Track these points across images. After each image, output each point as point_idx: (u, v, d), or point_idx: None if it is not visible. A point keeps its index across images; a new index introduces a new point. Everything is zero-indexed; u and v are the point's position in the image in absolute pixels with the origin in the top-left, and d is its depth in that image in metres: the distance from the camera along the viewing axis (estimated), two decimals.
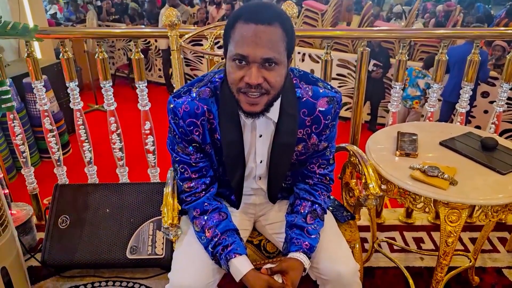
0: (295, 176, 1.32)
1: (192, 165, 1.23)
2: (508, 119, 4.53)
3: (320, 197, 1.29)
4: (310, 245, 1.20)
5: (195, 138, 1.18)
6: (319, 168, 1.30)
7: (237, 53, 1.01)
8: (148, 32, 2.58)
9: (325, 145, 1.26)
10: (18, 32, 1.72)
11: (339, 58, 5.32)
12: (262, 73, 1.02)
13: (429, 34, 2.52)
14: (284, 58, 1.05)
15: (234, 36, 1.03)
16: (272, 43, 1.00)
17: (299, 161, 1.26)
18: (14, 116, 2.11)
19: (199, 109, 1.15)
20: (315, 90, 1.19)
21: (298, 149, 1.23)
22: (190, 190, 1.25)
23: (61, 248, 1.89)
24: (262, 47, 1.00)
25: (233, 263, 1.17)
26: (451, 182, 1.36)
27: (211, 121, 1.17)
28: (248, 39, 1.00)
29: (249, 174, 1.29)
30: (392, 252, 2.12)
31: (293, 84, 1.18)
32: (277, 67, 1.03)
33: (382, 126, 2.08)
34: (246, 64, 1.02)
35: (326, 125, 1.21)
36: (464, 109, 2.14)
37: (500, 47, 4.60)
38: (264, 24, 0.99)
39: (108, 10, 7.68)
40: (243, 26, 1.01)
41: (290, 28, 1.05)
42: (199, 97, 1.15)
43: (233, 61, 1.03)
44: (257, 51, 1.00)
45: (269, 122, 1.18)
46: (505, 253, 2.12)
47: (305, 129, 1.20)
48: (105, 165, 2.63)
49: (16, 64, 4.19)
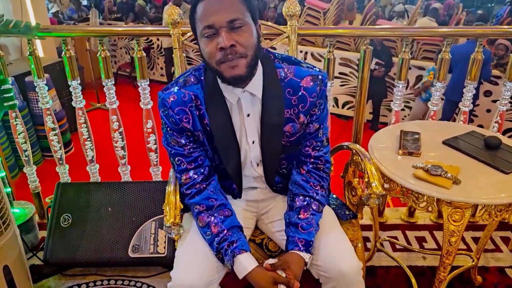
0: (289, 159, 1.32)
1: (187, 155, 1.24)
2: (511, 118, 4.51)
3: (312, 190, 1.29)
4: (305, 241, 1.21)
5: (185, 126, 1.20)
6: (314, 151, 1.30)
7: (203, 26, 1.08)
8: (150, 30, 2.58)
9: (317, 127, 1.27)
10: (20, 31, 1.72)
11: (341, 56, 5.31)
12: (232, 36, 1.07)
13: (432, 33, 2.51)
14: (249, 19, 1.10)
15: (198, 16, 1.10)
16: (232, 6, 1.07)
17: (291, 142, 1.27)
18: (16, 114, 2.11)
19: (185, 97, 1.19)
20: (298, 70, 1.23)
21: (287, 130, 1.24)
22: (189, 181, 1.26)
23: (63, 247, 1.89)
24: (224, 11, 1.06)
25: (238, 259, 1.17)
26: (454, 181, 1.35)
27: (199, 107, 1.20)
28: (209, 9, 1.07)
29: (245, 159, 1.30)
30: (394, 251, 2.12)
31: (275, 65, 1.22)
32: (244, 28, 1.08)
33: (385, 125, 2.07)
34: (215, 34, 1.08)
35: (313, 103, 1.22)
36: (467, 108, 2.13)
37: (503, 46, 4.58)
38: None
39: (110, 9, 7.68)
40: (202, 3, 1.09)
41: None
42: (185, 85, 1.20)
43: (203, 37, 1.10)
44: (220, 16, 1.06)
45: (255, 100, 1.21)
46: (508, 252, 2.11)
47: (292, 109, 1.22)
48: (107, 164, 2.63)
49: (19, 62, 4.19)
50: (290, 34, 1.72)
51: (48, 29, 2.08)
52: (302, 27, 2.08)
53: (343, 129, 5.15)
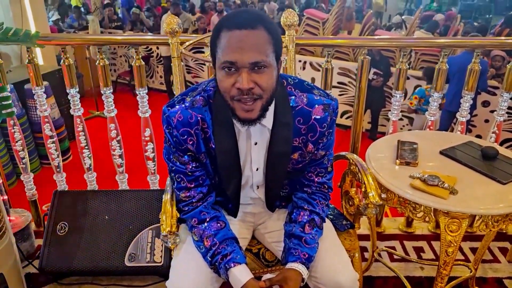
0: (292, 184, 1.32)
1: (188, 174, 1.22)
2: (508, 129, 4.53)
3: (318, 206, 1.28)
4: (308, 255, 1.20)
5: (189, 147, 1.17)
6: (317, 177, 1.29)
7: (225, 60, 1.02)
8: (149, 39, 2.59)
9: (322, 154, 1.25)
10: (19, 39, 1.73)
11: (340, 66, 5.34)
12: (252, 78, 1.02)
13: (430, 43, 2.53)
14: (273, 60, 1.05)
15: (220, 45, 1.04)
16: (258, 46, 1.01)
17: (296, 169, 1.25)
18: (14, 122, 2.11)
19: (192, 118, 1.15)
20: (310, 98, 1.18)
21: (294, 158, 1.22)
22: (187, 199, 1.24)
23: (59, 255, 1.88)
24: (248, 51, 1.00)
25: (232, 272, 1.16)
26: (451, 191, 1.35)
27: (205, 130, 1.16)
28: (233, 45, 1.01)
29: (246, 183, 1.28)
30: (392, 261, 2.11)
31: (287, 92, 1.18)
32: (266, 70, 1.04)
33: (383, 134, 2.07)
34: (235, 71, 1.03)
35: (323, 133, 1.20)
36: (464, 118, 2.14)
37: (500, 57, 4.61)
38: (248, 29, 1.00)
39: (110, 17, 7.72)
40: (227, 34, 1.02)
41: (275, 31, 1.05)
42: (193, 106, 1.15)
43: (222, 69, 1.04)
44: (244, 56, 1.00)
45: (263, 130, 1.18)
46: (506, 263, 2.10)
47: (301, 138, 1.19)
48: (105, 172, 2.63)
49: (18, 70, 4.21)
50: (288, 43, 1.73)
51: (48, 37, 2.09)
52: (301, 37, 2.10)
53: (342, 139, 5.14)
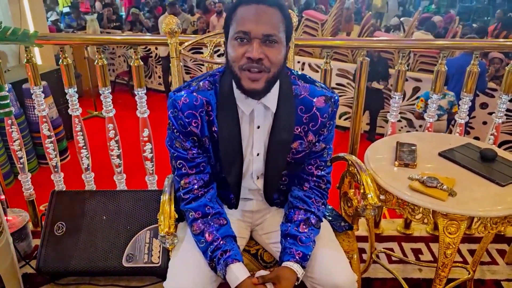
0: (291, 176, 1.32)
1: (189, 160, 1.23)
2: (507, 131, 4.54)
3: (313, 205, 1.28)
4: (303, 254, 1.20)
5: (193, 130, 1.19)
6: (317, 170, 1.30)
7: (239, 30, 1.07)
8: (148, 39, 2.59)
9: (323, 146, 1.27)
10: (18, 38, 1.72)
11: (338, 67, 5.34)
12: (263, 49, 1.07)
13: (428, 45, 2.53)
14: (283, 39, 1.11)
15: (236, 17, 1.09)
16: (272, 21, 1.07)
17: (296, 159, 1.27)
18: (12, 121, 2.11)
19: (197, 101, 1.18)
20: (312, 89, 1.23)
21: (294, 147, 1.24)
22: (187, 186, 1.24)
23: (57, 255, 1.87)
24: (264, 23, 1.06)
25: (231, 268, 1.16)
26: (450, 193, 1.35)
27: (209, 113, 1.19)
28: (250, 17, 1.07)
29: (247, 171, 1.29)
30: (390, 263, 2.11)
31: (291, 81, 1.22)
32: (277, 45, 1.09)
33: (381, 136, 2.08)
34: (247, 42, 1.07)
35: (323, 123, 1.23)
36: (463, 120, 2.14)
37: (498, 59, 4.63)
38: (265, 5, 1.07)
39: (109, 18, 7.71)
40: (245, 7, 1.08)
41: (288, 15, 1.12)
42: (198, 89, 1.19)
43: (235, 39, 1.09)
44: (259, 27, 1.06)
45: (267, 113, 1.21)
46: (504, 265, 2.11)
47: (302, 126, 1.22)
48: (103, 172, 2.62)
49: (16, 69, 4.20)
50: None
51: (46, 37, 2.09)
52: (300, 38, 2.10)
53: (340, 140, 5.14)
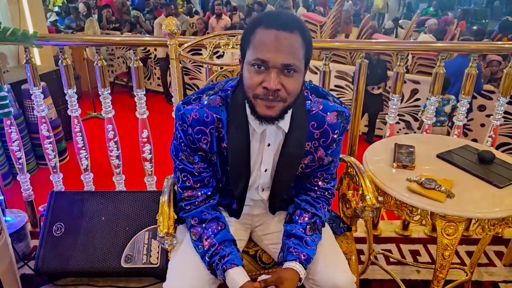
0: (297, 188, 1.32)
1: (195, 174, 1.22)
2: (504, 133, 4.54)
3: (321, 210, 1.29)
4: (307, 256, 1.20)
5: (202, 147, 1.17)
6: (323, 182, 1.30)
7: (257, 57, 1.02)
8: (148, 40, 2.60)
9: (330, 160, 1.26)
10: (17, 38, 1.72)
11: (337, 69, 5.34)
12: (280, 79, 1.02)
13: (427, 47, 2.54)
14: (303, 66, 1.06)
15: (254, 41, 1.03)
16: (292, 49, 1.01)
17: (304, 173, 1.26)
18: (11, 122, 2.11)
19: (208, 117, 1.14)
20: (325, 104, 1.19)
21: (304, 162, 1.22)
22: (190, 199, 1.24)
23: (55, 256, 1.87)
24: (283, 53, 1.00)
25: (229, 273, 1.16)
26: (448, 195, 1.36)
27: (219, 130, 1.16)
28: (269, 44, 1.00)
29: (252, 184, 1.28)
30: (388, 264, 2.11)
31: (304, 96, 1.19)
32: (295, 74, 1.04)
33: (380, 137, 2.08)
34: (265, 70, 1.02)
35: (334, 139, 1.21)
36: (461, 122, 2.15)
37: (496, 62, 4.64)
38: (286, 31, 1.00)
39: (109, 18, 7.71)
40: (264, 31, 1.01)
41: (309, 38, 1.06)
42: (209, 105, 1.15)
43: (251, 66, 1.03)
44: (278, 57, 1.00)
45: (278, 132, 1.18)
46: (502, 267, 2.11)
47: (313, 142, 1.20)
48: (102, 173, 2.62)
49: (16, 70, 4.19)
50: None
51: (46, 37, 2.09)
52: None
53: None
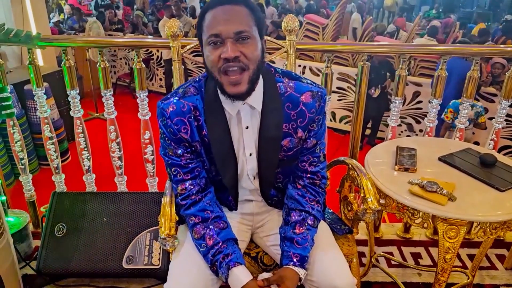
0: (286, 173, 1.32)
1: (183, 166, 1.24)
2: (507, 136, 4.54)
3: (308, 204, 1.28)
4: (300, 256, 1.20)
5: (183, 136, 1.20)
6: (310, 166, 1.30)
7: (210, 34, 1.08)
8: (150, 42, 2.61)
9: (314, 142, 1.28)
10: (20, 40, 1.74)
11: (339, 71, 5.35)
12: (237, 47, 1.08)
13: (429, 50, 2.54)
14: (256, 33, 1.11)
15: (205, 23, 1.10)
16: (240, 18, 1.09)
17: (288, 157, 1.27)
18: (14, 122, 2.11)
19: (185, 107, 1.19)
20: (298, 85, 1.24)
21: (284, 144, 1.24)
22: (184, 192, 1.25)
23: (57, 257, 1.88)
24: (232, 22, 1.07)
25: (233, 272, 1.16)
26: (450, 198, 1.36)
27: (197, 118, 1.20)
28: (218, 19, 1.08)
29: (242, 171, 1.29)
30: (389, 267, 2.11)
31: (275, 79, 1.23)
32: (250, 41, 1.09)
33: (382, 140, 2.08)
34: (221, 44, 1.08)
35: (312, 118, 1.23)
36: (463, 125, 2.14)
37: (500, 64, 4.64)
38: (230, 4, 1.09)
39: (111, 20, 7.73)
40: (211, 11, 1.10)
41: (256, 8, 1.13)
42: (185, 96, 1.21)
43: (208, 45, 1.10)
44: (228, 27, 1.07)
45: (254, 113, 1.21)
46: (504, 270, 2.11)
47: (291, 123, 1.23)
48: (104, 174, 2.63)
49: (18, 70, 4.21)
50: (289, 48, 1.74)
51: (49, 38, 2.09)
52: (301, 42, 2.10)
53: (341, 144, 5.17)
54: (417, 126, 5.20)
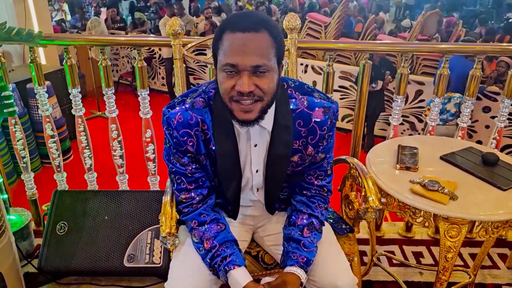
0: (292, 187, 1.31)
1: (188, 175, 1.22)
2: (509, 135, 4.52)
3: (317, 210, 1.28)
4: (306, 259, 1.20)
5: (189, 149, 1.17)
6: (317, 180, 1.29)
7: (226, 62, 1.02)
8: (152, 40, 2.60)
9: (322, 157, 1.25)
10: (22, 38, 1.74)
11: (341, 70, 5.34)
12: (253, 80, 1.02)
13: (431, 49, 2.53)
14: (274, 64, 1.05)
15: (222, 47, 1.03)
16: (260, 50, 1.01)
17: (296, 172, 1.25)
18: (16, 121, 2.12)
19: (192, 120, 1.15)
20: (310, 101, 1.18)
21: (294, 160, 1.22)
22: (187, 201, 1.24)
23: (58, 255, 1.88)
24: (251, 55, 1.00)
25: (232, 274, 1.16)
26: (451, 197, 1.35)
27: (205, 132, 1.16)
28: (236, 48, 1.00)
29: (246, 185, 1.28)
30: (391, 266, 2.10)
31: (288, 95, 1.18)
32: (267, 74, 1.03)
33: (380, 139, 2.08)
34: (236, 73, 1.02)
35: (322, 136, 1.20)
36: (465, 124, 2.14)
37: (505, 63, 4.61)
38: (251, 32, 1.00)
39: (113, 18, 7.74)
40: (230, 35, 1.01)
41: (278, 34, 1.05)
42: (193, 107, 1.15)
43: (223, 71, 1.04)
44: (246, 59, 1.00)
45: (263, 132, 1.18)
46: (505, 269, 2.10)
47: (301, 140, 1.19)
48: (105, 172, 2.63)
49: (21, 69, 4.21)
50: (290, 47, 1.73)
51: (50, 37, 2.10)
52: (302, 40, 2.10)
53: (343, 142, 5.15)
54: (419, 125, 5.18)
